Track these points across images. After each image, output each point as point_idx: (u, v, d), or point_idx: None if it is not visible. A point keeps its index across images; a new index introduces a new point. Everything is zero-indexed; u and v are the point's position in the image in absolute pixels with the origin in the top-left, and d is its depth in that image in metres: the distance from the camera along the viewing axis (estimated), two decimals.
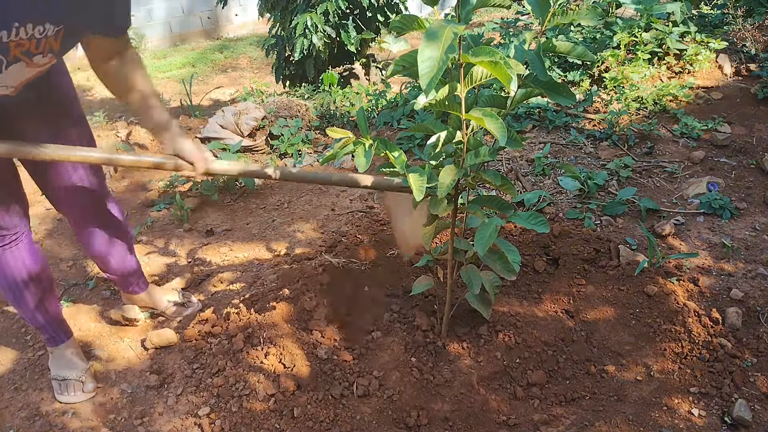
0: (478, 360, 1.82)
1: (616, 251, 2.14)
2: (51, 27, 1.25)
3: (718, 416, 1.62)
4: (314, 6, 4.38)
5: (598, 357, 1.82)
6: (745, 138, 2.92)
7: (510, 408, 1.70)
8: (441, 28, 1.08)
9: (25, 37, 1.22)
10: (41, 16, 1.21)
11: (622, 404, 1.67)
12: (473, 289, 1.70)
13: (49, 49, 1.31)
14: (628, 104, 3.21)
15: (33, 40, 1.25)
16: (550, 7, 1.29)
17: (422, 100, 1.33)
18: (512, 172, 2.85)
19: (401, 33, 1.31)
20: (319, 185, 3.01)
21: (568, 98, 1.39)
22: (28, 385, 1.91)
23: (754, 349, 1.79)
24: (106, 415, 1.78)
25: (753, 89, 3.24)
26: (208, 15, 8.21)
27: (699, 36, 3.57)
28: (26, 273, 1.71)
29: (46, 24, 1.24)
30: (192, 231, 2.73)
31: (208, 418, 1.67)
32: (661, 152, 2.91)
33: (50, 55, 1.34)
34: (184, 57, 7.47)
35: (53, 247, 2.67)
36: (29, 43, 1.25)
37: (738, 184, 2.63)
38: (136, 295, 2.09)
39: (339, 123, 3.62)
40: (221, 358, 1.83)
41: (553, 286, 2.05)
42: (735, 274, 2.09)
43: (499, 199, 1.55)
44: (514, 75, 1.19)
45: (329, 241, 2.41)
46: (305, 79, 4.79)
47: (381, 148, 1.39)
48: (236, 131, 3.36)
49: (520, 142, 1.43)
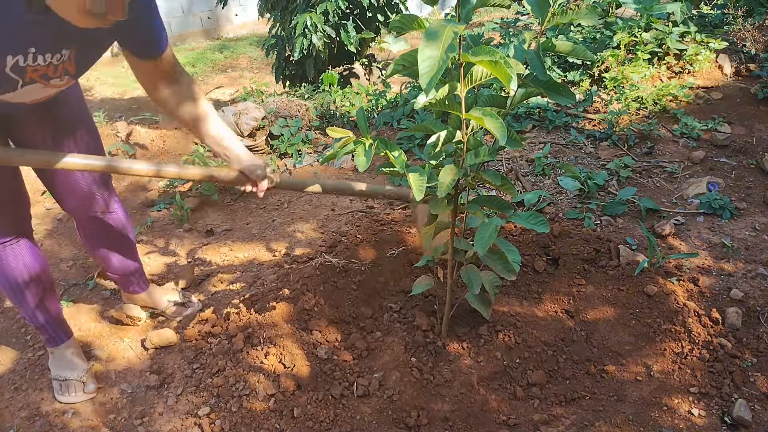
0: (478, 360, 1.82)
1: (616, 251, 2.13)
2: (66, 52, 1.27)
3: (718, 416, 1.62)
4: (314, 6, 4.37)
5: (598, 357, 1.82)
6: (745, 138, 2.92)
7: (510, 408, 1.70)
8: (441, 27, 1.08)
9: (43, 63, 1.25)
10: (57, 43, 1.23)
11: (622, 404, 1.67)
12: (473, 289, 1.70)
13: (66, 72, 1.33)
14: (628, 104, 3.21)
15: (50, 66, 1.27)
16: (550, 7, 1.29)
17: (422, 100, 1.33)
18: (512, 172, 2.85)
19: (401, 33, 1.31)
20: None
21: (567, 98, 1.39)
22: (28, 385, 1.91)
23: (754, 349, 1.79)
24: (106, 415, 1.78)
25: (753, 89, 3.24)
26: (207, 15, 8.22)
27: (699, 36, 3.57)
28: (27, 272, 1.71)
29: (62, 50, 1.26)
30: (192, 231, 2.73)
31: (208, 418, 1.67)
32: (661, 152, 2.91)
33: (67, 78, 1.36)
34: (184, 57, 7.47)
35: (53, 247, 2.67)
36: (47, 69, 1.27)
37: (738, 184, 2.63)
38: (137, 294, 2.09)
39: (339, 123, 3.62)
40: (221, 358, 1.83)
41: (553, 286, 2.05)
42: (735, 274, 2.09)
43: (499, 199, 1.55)
44: (513, 74, 1.19)
45: (329, 241, 2.41)
46: (305, 79, 4.78)
47: (381, 147, 1.39)
48: (236, 131, 3.36)
49: (519, 142, 1.43)
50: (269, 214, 2.82)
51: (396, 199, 1.93)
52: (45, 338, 1.87)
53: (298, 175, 3.14)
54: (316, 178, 1.82)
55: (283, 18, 4.65)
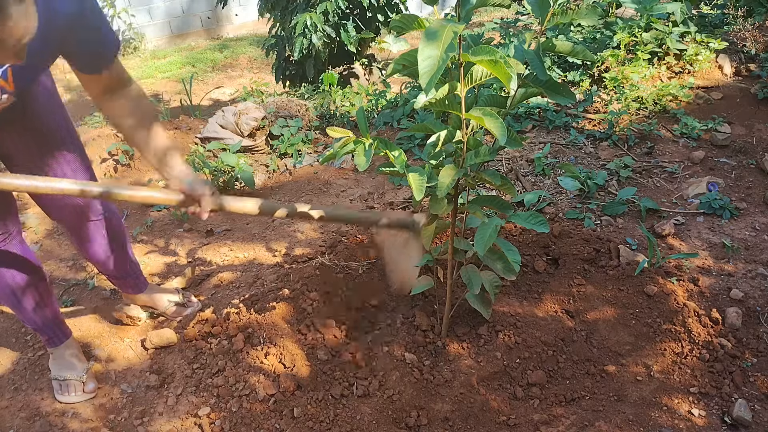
0: (478, 360, 1.82)
1: (616, 251, 2.13)
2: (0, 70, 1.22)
3: (718, 416, 1.62)
4: (314, 6, 4.37)
5: (598, 357, 1.82)
6: (745, 138, 2.92)
7: (510, 408, 1.70)
8: (441, 27, 1.08)
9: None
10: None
11: (622, 404, 1.67)
12: (473, 289, 1.70)
13: (3, 91, 1.29)
14: (628, 104, 3.21)
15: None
16: (550, 7, 1.29)
17: (422, 99, 1.33)
18: (512, 172, 2.85)
19: (401, 32, 1.31)
20: (319, 187, 3.01)
21: (567, 98, 1.39)
22: (28, 386, 1.91)
23: (754, 349, 1.79)
24: (106, 415, 1.78)
25: (753, 89, 3.24)
26: (208, 15, 8.21)
27: (699, 36, 3.57)
28: (20, 273, 1.69)
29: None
30: (192, 231, 2.73)
31: (208, 418, 1.67)
32: (661, 152, 2.91)
33: (6, 96, 1.31)
34: (184, 57, 7.47)
35: (53, 247, 2.67)
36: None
37: (738, 184, 2.63)
38: (136, 295, 2.09)
39: (339, 123, 3.62)
40: (221, 358, 1.83)
41: (553, 286, 2.05)
42: (735, 274, 2.09)
43: (499, 199, 1.55)
44: (514, 74, 1.19)
45: (329, 241, 2.41)
46: (305, 79, 4.78)
47: (381, 147, 1.39)
48: (236, 131, 3.36)
49: (519, 141, 1.42)
50: None
51: (395, 227, 1.84)
52: (44, 339, 1.87)
53: (298, 176, 3.14)
54: (300, 203, 1.75)
55: (283, 18, 4.65)
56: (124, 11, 7.50)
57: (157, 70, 7.04)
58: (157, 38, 8.02)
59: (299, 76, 4.85)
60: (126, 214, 2.90)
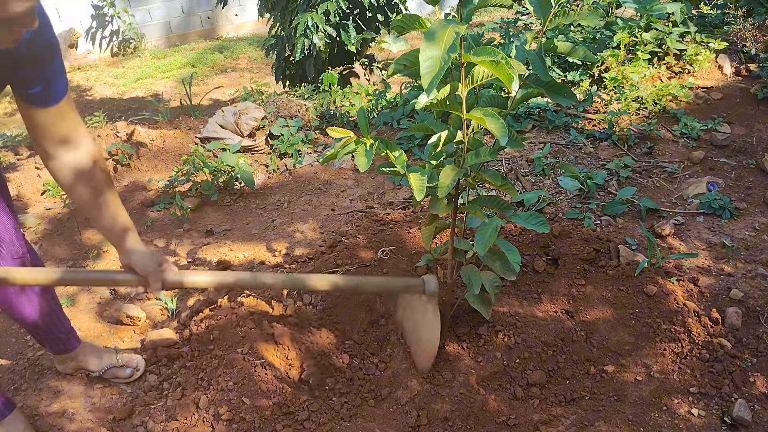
0: (478, 360, 1.82)
1: (615, 251, 2.13)
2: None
3: (717, 416, 1.62)
4: (314, 6, 4.37)
5: (598, 357, 1.82)
6: (745, 138, 2.93)
7: (510, 408, 1.70)
8: (443, 27, 1.08)
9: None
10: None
11: (622, 404, 1.67)
12: (473, 289, 1.70)
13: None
14: (628, 104, 3.21)
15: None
16: (552, 8, 1.29)
17: (423, 100, 1.33)
18: (512, 172, 2.85)
19: (402, 32, 1.31)
20: (318, 187, 3.01)
21: (568, 99, 1.39)
22: (28, 386, 1.91)
23: (754, 349, 1.79)
24: (106, 416, 1.78)
25: (753, 89, 3.24)
26: (207, 15, 8.21)
27: (699, 36, 3.58)
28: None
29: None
30: (192, 231, 2.73)
31: (209, 418, 1.67)
32: (661, 152, 2.91)
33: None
34: (183, 57, 7.47)
35: (53, 248, 2.67)
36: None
37: (738, 184, 2.63)
38: (65, 354, 1.85)
39: (339, 123, 3.62)
40: (221, 358, 1.83)
41: (553, 286, 2.05)
42: (735, 274, 2.09)
43: (499, 199, 1.55)
44: (515, 75, 1.19)
45: (329, 241, 2.41)
46: (305, 79, 4.78)
47: (382, 147, 1.39)
48: (236, 131, 3.36)
49: (520, 142, 1.43)
50: (269, 214, 2.82)
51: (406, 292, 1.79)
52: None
53: (298, 175, 3.14)
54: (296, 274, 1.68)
55: (283, 18, 4.65)
56: (124, 11, 7.50)
57: (156, 70, 7.04)
58: (156, 38, 8.02)
59: (299, 77, 4.85)
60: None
